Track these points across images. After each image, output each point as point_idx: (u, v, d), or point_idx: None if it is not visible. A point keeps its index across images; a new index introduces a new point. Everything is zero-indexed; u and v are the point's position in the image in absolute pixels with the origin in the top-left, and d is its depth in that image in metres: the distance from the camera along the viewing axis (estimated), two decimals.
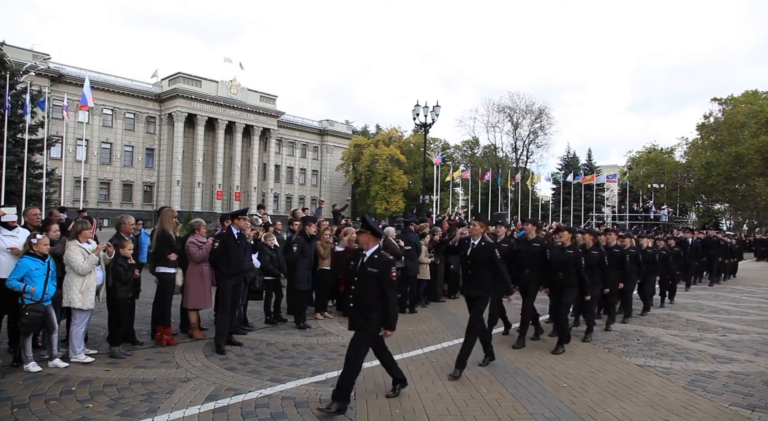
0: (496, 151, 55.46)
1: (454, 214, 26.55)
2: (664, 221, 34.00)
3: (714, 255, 15.69)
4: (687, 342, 7.35)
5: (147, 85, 47.73)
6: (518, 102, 52.39)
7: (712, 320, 9.24)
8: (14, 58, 27.48)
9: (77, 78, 39.48)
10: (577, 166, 53.95)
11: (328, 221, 12.20)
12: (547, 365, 5.94)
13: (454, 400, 4.64)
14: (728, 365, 6.11)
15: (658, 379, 5.47)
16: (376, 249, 4.52)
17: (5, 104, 19.92)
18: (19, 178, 21.35)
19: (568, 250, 6.75)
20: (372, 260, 4.44)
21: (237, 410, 4.24)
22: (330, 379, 5.17)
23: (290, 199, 57.92)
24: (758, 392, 5.08)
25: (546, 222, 33.00)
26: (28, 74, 27.01)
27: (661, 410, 4.53)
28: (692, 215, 51.30)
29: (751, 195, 40.63)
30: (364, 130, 66.77)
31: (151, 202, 46.57)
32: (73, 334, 5.50)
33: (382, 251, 4.58)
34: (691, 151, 46.04)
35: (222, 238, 6.41)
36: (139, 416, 4.07)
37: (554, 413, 4.37)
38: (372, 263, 4.42)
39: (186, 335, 6.85)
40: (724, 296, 12.83)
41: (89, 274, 5.53)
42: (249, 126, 51.36)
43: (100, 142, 44.44)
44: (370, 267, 4.40)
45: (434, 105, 21.67)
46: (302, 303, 7.87)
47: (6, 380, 4.84)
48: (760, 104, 39.53)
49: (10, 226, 5.58)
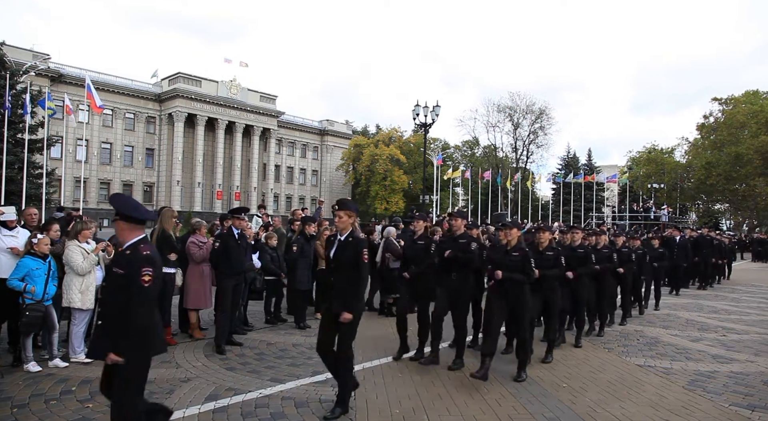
0: (496, 151, 55.50)
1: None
2: (664, 221, 33.98)
3: (707, 256, 14.42)
4: (687, 342, 7.35)
5: (147, 85, 47.73)
6: (518, 102, 52.56)
7: (712, 320, 9.24)
8: (14, 58, 27.49)
9: (77, 78, 39.49)
10: (577, 166, 54.00)
11: (328, 221, 12.20)
12: (547, 365, 5.94)
13: (454, 400, 4.64)
14: (728, 365, 6.11)
15: (658, 379, 5.47)
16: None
17: (5, 104, 19.93)
18: (19, 178, 21.35)
19: (513, 252, 5.46)
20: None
21: (237, 410, 4.24)
22: (330, 379, 5.16)
23: (290, 199, 57.91)
24: (758, 392, 5.08)
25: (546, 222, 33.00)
26: (28, 74, 26.99)
27: (661, 410, 4.53)
28: (692, 214, 51.30)
29: (751, 195, 40.64)
30: (364, 130, 66.81)
31: (151, 202, 46.54)
32: (73, 334, 5.51)
33: None
34: (692, 151, 46.05)
35: (222, 238, 6.41)
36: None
37: (554, 413, 4.37)
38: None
39: (186, 335, 6.85)
40: (724, 296, 12.84)
41: (89, 274, 5.53)
42: (249, 126, 51.37)
43: (100, 142, 44.43)
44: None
45: (434, 105, 21.68)
46: (302, 303, 7.88)
47: (6, 380, 4.84)
48: (761, 104, 39.52)
49: (10, 226, 5.58)
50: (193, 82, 47.55)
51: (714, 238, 15.88)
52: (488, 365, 5.16)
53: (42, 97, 23.41)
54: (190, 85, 47.27)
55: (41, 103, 22.48)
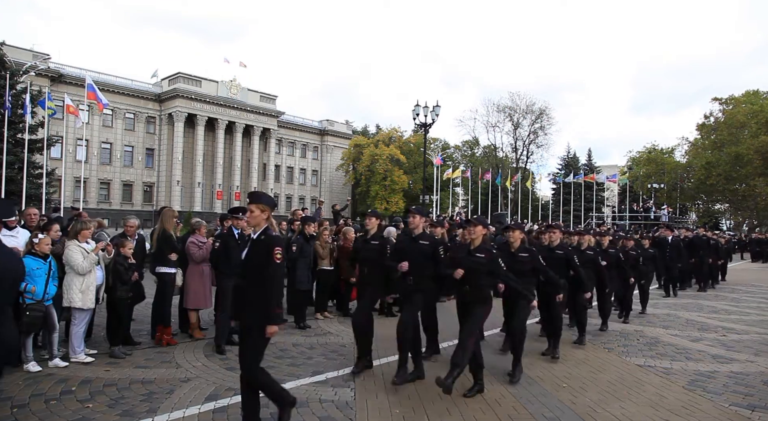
0: (496, 151, 55.49)
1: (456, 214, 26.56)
2: (664, 221, 33.99)
3: (704, 257, 13.67)
4: (687, 342, 7.35)
5: (147, 85, 47.72)
6: (518, 102, 52.53)
7: (712, 320, 9.24)
8: (14, 58, 27.47)
9: (77, 78, 39.48)
10: (577, 166, 54.01)
11: (328, 221, 12.20)
12: (547, 365, 5.94)
13: (454, 400, 4.64)
14: (728, 365, 6.11)
15: (658, 379, 5.47)
16: None
17: (5, 104, 19.93)
18: (19, 178, 21.36)
19: (478, 252, 4.85)
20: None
21: (237, 410, 4.23)
22: (330, 379, 5.18)
23: (290, 199, 57.89)
24: (758, 392, 5.08)
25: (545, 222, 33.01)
26: (28, 74, 27.00)
27: (661, 410, 4.53)
28: (692, 214, 51.32)
29: (751, 195, 40.67)
30: (364, 130, 66.79)
31: (151, 202, 46.54)
32: (73, 334, 5.51)
33: None
34: (692, 151, 46.06)
35: (222, 238, 6.42)
36: (139, 416, 4.07)
37: (554, 413, 4.37)
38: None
39: (186, 335, 6.85)
40: (724, 296, 12.83)
41: (89, 273, 5.53)
42: (249, 126, 51.36)
43: (100, 142, 44.41)
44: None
45: (434, 105, 21.67)
46: (302, 303, 7.88)
47: (6, 380, 4.83)
48: (761, 104, 39.56)
49: (10, 225, 5.58)
50: (193, 82, 47.55)
51: (710, 238, 15.21)
52: (455, 376, 4.41)
53: (42, 97, 23.45)
54: (190, 85, 47.26)
55: (41, 103, 22.50)
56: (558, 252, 6.70)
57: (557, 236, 6.98)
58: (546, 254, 6.39)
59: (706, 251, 13.84)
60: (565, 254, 6.71)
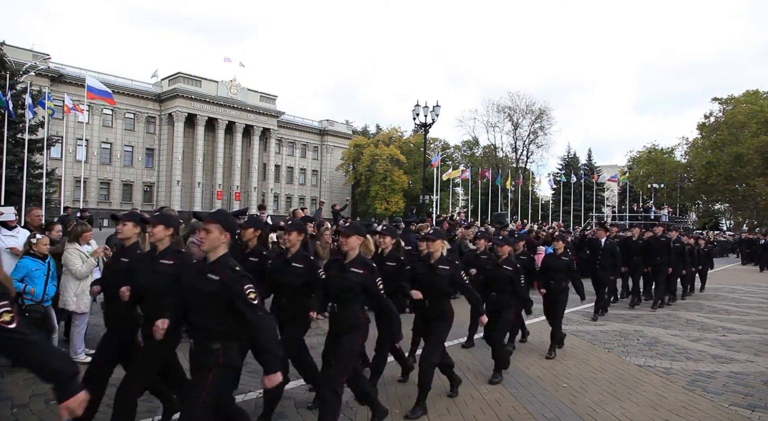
0: (496, 151, 55.50)
1: (456, 214, 26.55)
2: (664, 221, 33.99)
3: (661, 264, 10.52)
4: (687, 342, 7.35)
5: (147, 85, 47.77)
6: (518, 102, 52.55)
7: (712, 320, 9.24)
8: (14, 58, 27.46)
9: (77, 78, 39.50)
10: (578, 166, 53.98)
11: (328, 220, 12.20)
12: (547, 365, 5.94)
13: (454, 400, 4.64)
14: (728, 365, 6.11)
15: (658, 379, 5.47)
16: None
17: (6, 104, 19.90)
18: (19, 178, 21.34)
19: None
20: None
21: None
22: None
23: (290, 199, 57.92)
24: (758, 392, 5.08)
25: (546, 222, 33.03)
26: (28, 74, 27.02)
27: (661, 410, 4.53)
28: (692, 214, 51.34)
29: (751, 195, 40.66)
30: (364, 130, 66.82)
31: (151, 203, 46.56)
32: (75, 334, 5.49)
33: None
34: (692, 151, 46.06)
35: None
36: (139, 416, 4.06)
37: (554, 413, 4.37)
38: None
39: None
40: (724, 296, 12.84)
41: (86, 277, 5.49)
42: (249, 126, 51.40)
43: (100, 142, 44.48)
44: None
45: (434, 105, 21.68)
46: None
47: (6, 380, 4.84)
48: (761, 104, 39.54)
49: (10, 226, 5.58)
50: (193, 82, 47.59)
51: (674, 240, 11.25)
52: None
53: (42, 98, 23.45)
54: (190, 85, 47.31)
55: (41, 103, 22.50)
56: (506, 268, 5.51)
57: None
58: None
59: (665, 257, 10.62)
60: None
